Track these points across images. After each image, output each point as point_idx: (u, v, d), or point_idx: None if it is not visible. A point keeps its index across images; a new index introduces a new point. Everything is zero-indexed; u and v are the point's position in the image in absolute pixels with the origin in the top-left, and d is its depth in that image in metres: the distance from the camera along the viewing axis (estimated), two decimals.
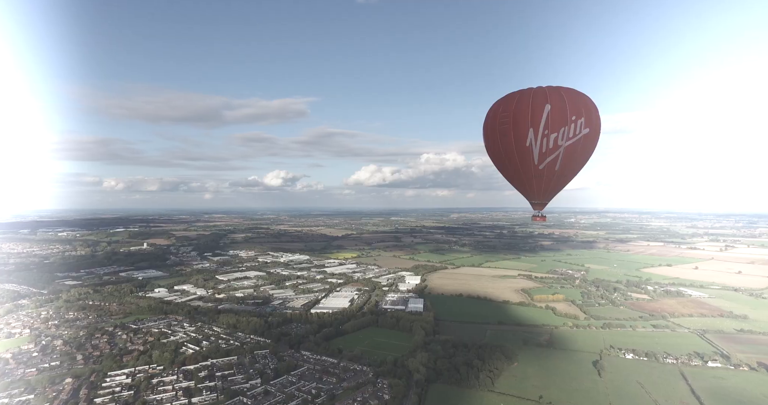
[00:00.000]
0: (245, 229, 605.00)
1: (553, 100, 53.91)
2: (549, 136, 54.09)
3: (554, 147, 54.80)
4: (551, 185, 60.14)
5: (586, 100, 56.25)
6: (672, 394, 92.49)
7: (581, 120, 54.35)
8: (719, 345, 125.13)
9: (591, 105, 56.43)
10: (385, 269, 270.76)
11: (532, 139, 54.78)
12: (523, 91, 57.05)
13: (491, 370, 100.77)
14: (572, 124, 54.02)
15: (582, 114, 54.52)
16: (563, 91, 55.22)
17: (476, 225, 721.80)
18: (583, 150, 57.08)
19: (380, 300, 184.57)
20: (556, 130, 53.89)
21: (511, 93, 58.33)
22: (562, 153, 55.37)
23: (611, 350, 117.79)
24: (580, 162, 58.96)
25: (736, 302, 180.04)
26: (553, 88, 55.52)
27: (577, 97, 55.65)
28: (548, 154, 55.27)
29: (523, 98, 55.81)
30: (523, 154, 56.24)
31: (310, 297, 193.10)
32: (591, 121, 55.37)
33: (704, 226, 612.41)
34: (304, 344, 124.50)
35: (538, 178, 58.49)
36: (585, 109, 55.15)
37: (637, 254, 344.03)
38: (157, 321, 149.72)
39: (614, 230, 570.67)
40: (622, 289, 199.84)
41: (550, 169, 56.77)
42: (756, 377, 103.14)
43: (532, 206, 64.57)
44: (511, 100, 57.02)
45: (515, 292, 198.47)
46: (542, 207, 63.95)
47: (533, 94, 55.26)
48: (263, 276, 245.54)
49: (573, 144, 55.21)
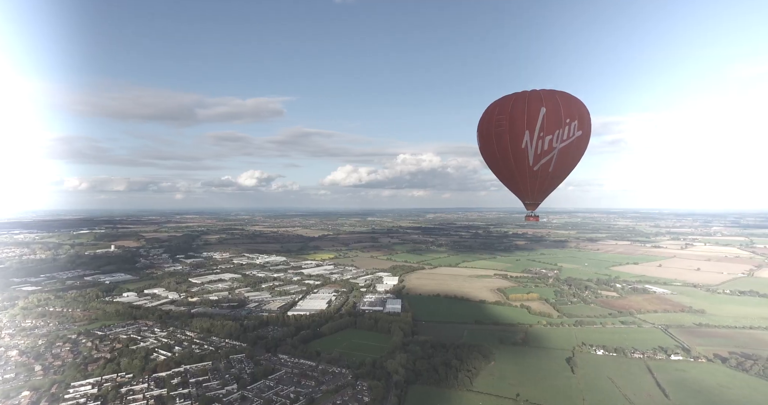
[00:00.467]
0: (219, 230, 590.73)
1: (548, 103, 55.26)
2: (544, 138, 55.38)
3: (549, 149, 56.13)
4: (545, 186, 61.51)
5: (578, 103, 57.87)
6: (639, 387, 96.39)
7: (575, 123, 56.00)
8: (681, 339, 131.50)
9: (583, 108, 58.14)
10: (363, 270, 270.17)
11: (527, 141, 55.93)
12: (518, 94, 58.09)
13: (469, 369, 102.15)
14: (566, 126, 55.52)
15: (575, 117, 56.21)
16: (558, 95, 56.64)
17: (452, 225, 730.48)
18: (575, 151, 58.83)
19: (358, 301, 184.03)
20: (551, 132, 55.26)
21: (507, 96, 59.28)
22: (556, 154, 56.79)
23: (583, 347, 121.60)
24: (572, 163, 60.58)
25: (695, 298, 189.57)
26: (547, 92, 56.84)
27: (570, 100, 57.22)
28: (543, 155, 56.55)
29: (519, 101, 56.83)
30: (519, 155, 57.36)
31: (286, 299, 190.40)
32: (583, 124, 57.15)
33: (666, 225, 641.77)
34: (281, 347, 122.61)
35: (532, 179, 59.69)
36: (578, 113, 56.80)
37: (606, 253, 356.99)
38: (126, 327, 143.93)
39: (584, 230, 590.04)
40: (592, 288, 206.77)
41: (545, 170, 58.13)
42: (713, 368, 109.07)
43: (525, 206, 65.80)
44: (507, 103, 58.00)
45: (491, 292, 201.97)
46: (535, 207, 65.36)
47: (529, 97, 56.41)
48: (238, 278, 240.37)
49: (567, 146, 56.76)
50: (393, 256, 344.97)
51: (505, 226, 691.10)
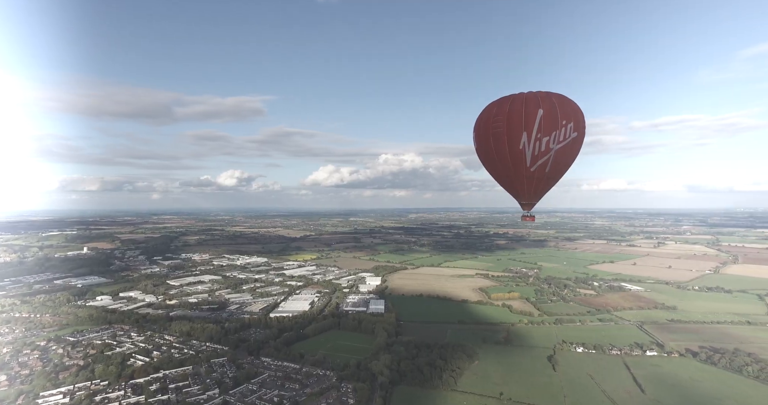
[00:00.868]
0: (198, 230, 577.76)
1: (545, 105, 56.07)
2: (541, 139, 56.07)
3: (546, 150, 56.86)
4: (541, 186, 62.33)
5: (574, 105, 58.87)
6: (617, 383, 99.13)
7: (570, 124, 56.95)
8: (655, 335, 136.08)
9: (578, 110, 59.25)
10: (346, 270, 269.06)
11: (525, 142, 56.51)
12: (515, 96, 58.81)
13: (454, 369, 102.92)
14: (563, 128, 56.38)
15: (571, 119, 57.23)
16: (554, 97, 57.59)
17: (434, 225, 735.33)
18: (571, 153, 59.88)
19: (341, 302, 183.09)
20: (548, 133, 56.04)
21: (504, 97, 59.97)
22: (552, 156, 57.62)
23: (563, 345, 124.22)
24: (567, 164, 61.56)
25: (668, 294, 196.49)
26: (544, 93, 57.79)
27: (566, 102, 58.23)
28: (540, 156, 57.27)
29: (516, 102, 57.49)
30: (516, 156, 57.96)
31: (268, 301, 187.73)
32: (579, 126, 58.25)
33: (640, 225, 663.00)
34: (264, 350, 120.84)
35: (529, 180, 60.35)
36: (573, 114, 57.90)
37: (584, 252, 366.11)
38: (100, 332, 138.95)
39: (563, 229, 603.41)
40: (571, 286, 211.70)
41: (541, 171, 58.92)
42: (685, 362, 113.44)
43: (522, 207, 66.54)
44: (504, 104, 58.56)
45: (473, 291, 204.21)
46: (531, 207, 66.16)
47: (526, 99, 57.18)
48: (218, 280, 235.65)
49: (563, 147, 57.70)
50: (375, 256, 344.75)
51: (486, 226, 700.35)
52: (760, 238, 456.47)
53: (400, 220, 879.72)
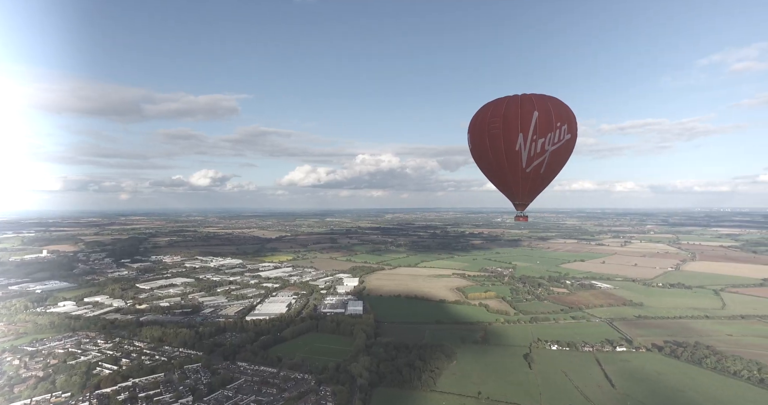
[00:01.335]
0: (169, 232, 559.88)
1: (541, 108, 57.10)
2: (537, 140, 56.94)
3: (541, 151, 57.81)
4: (535, 187, 63.42)
5: (567, 108, 60.19)
6: (590, 379, 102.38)
7: (564, 126, 58.19)
8: (624, 331, 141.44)
9: (571, 113, 60.53)
10: (323, 271, 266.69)
11: (521, 144, 57.24)
12: (510, 98, 59.60)
13: (432, 370, 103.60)
14: (557, 130, 57.50)
15: (565, 121, 58.48)
16: (548, 100, 58.69)
17: (411, 225, 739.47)
18: (564, 154, 61.12)
19: (319, 304, 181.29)
20: (544, 135, 56.98)
21: (499, 98, 60.73)
22: (547, 157, 58.66)
23: (539, 343, 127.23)
24: (561, 165, 62.78)
25: (634, 292, 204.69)
26: (538, 96, 58.92)
27: (560, 105, 59.49)
28: (536, 157, 58.15)
29: (512, 104, 58.28)
30: (513, 157, 58.69)
31: (244, 303, 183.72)
32: (572, 128, 59.55)
33: (608, 224, 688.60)
34: (240, 354, 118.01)
35: (524, 181, 61.20)
36: (567, 117, 59.16)
37: (556, 251, 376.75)
38: (63, 340, 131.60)
39: (536, 229, 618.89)
40: (545, 285, 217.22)
41: (536, 171, 59.91)
42: (651, 357, 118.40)
43: (515, 207, 67.39)
44: (500, 105, 59.22)
45: (451, 291, 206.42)
46: (524, 208, 67.13)
47: (521, 101, 58.08)
48: (191, 283, 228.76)
49: (557, 149, 58.85)
50: (353, 256, 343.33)
51: (461, 226, 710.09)
52: (715, 237, 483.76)
53: (377, 221, 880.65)
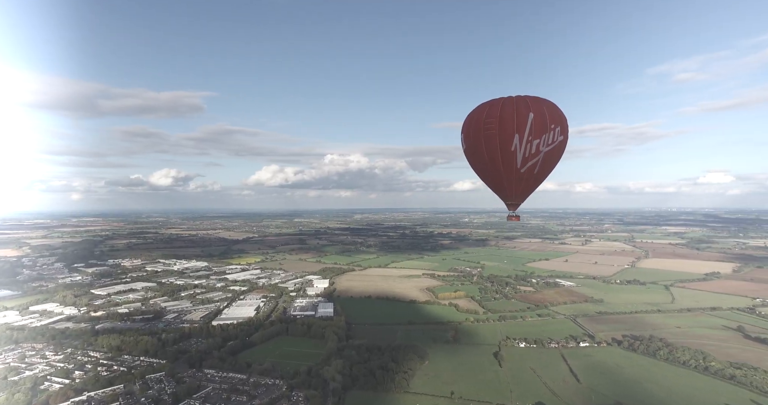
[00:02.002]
0: (128, 234, 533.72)
1: (536, 109, 58.21)
2: (532, 142, 58.07)
3: (536, 152, 58.97)
4: (528, 187, 64.56)
5: (559, 110, 61.61)
6: (556, 374, 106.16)
7: (558, 128, 59.56)
8: (586, 327, 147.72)
9: (563, 115, 61.92)
10: (292, 273, 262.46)
11: (517, 144, 58.18)
12: (505, 99, 60.41)
13: (406, 371, 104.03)
14: (551, 131, 58.80)
15: (558, 123, 59.81)
16: (542, 102, 59.94)
17: (380, 226, 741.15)
18: (557, 155, 62.51)
19: (288, 306, 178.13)
20: (539, 136, 58.12)
21: (494, 100, 61.50)
22: (541, 158, 59.87)
23: (508, 341, 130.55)
24: (553, 166, 64.14)
25: (595, 289, 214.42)
26: (532, 98, 59.98)
27: (553, 107, 60.78)
28: (530, 158, 59.28)
29: (507, 105, 59.05)
30: (508, 157, 59.52)
31: (210, 307, 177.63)
32: (564, 130, 61.05)
33: (569, 224, 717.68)
34: (206, 361, 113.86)
35: (518, 181, 62.23)
36: (560, 119, 60.51)
37: (522, 250, 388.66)
38: (3, 354, 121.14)
39: (502, 229, 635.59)
40: (512, 284, 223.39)
41: (530, 172, 60.98)
42: (612, 351, 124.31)
43: (508, 207, 68.36)
44: (496, 106, 59.87)
45: (421, 291, 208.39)
46: (516, 207, 68.17)
47: (517, 102, 58.96)
48: (153, 287, 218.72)
49: (551, 150, 60.19)
50: (322, 258, 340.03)
51: (430, 226, 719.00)
52: (664, 235, 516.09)
53: (346, 221, 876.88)
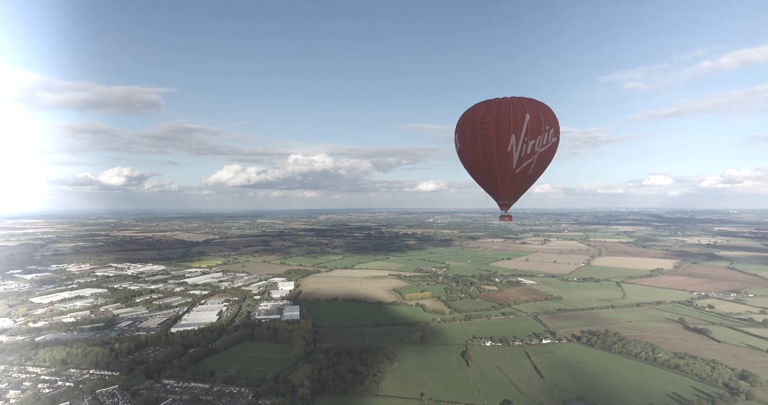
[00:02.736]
0: (74, 236, 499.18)
1: (531, 111, 58.83)
2: (528, 142, 58.72)
3: (531, 152, 59.66)
4: (521, 187, 65.23)
5: (552, 112, 62.54)
6: (521, 372, 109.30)
7: (552, 130, 60.55)
8: (548, 324, 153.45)
9: (555, 117, 62.83)
10: (255, 276, 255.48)
11: (513, 145, 58.60)
12: (501, 100, 60.74)
13: (375, 374, 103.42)
14: (545, 132, 59.70)
15: (552, 125, 60.79)
16: (536, 103, 60.72)
17: (345, 226, 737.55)
18: (549, 156, 63.50)
19: (253, 310, 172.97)
20: (534, 137, 58.83)
21: (489, 100, 61.83)
22: (536, 158, 60.62)
23: (474, 340, 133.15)
24: (545, 166, 65.04)
25: (554, 286, 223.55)
26: (527, 99, 60.62)
27: (547, 109, 61.64)
28: (526, 158, 59.89)
29: (503, 106, 59.34)
30: (504, 157, 59.90)
31: (169, 313, 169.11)
32: (557, 132, 62.18)
33: (529, 224, 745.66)
34: (165, 371, 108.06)
35: (512, 181, 62.73)
36: (553, 121, 61.42)
37: (486, 250, 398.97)
38: None
39: (465, 229, 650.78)
40: (476, 283, 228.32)
41: (524, 172, 61.71)
42: (572, 347, 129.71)
43: (500, 207, 68.78)
44: (492, 107, 59.99)
45: (388, 292, 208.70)
46: (508, 207, 68.78)
47: (512, 103, 59.40)
48: (104, 293, 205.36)
49: (545, 151, 61.11)
50: (287, 259, 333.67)
51: (395, 226, 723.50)
52: (615, 234, 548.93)
53: (311, 222, 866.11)
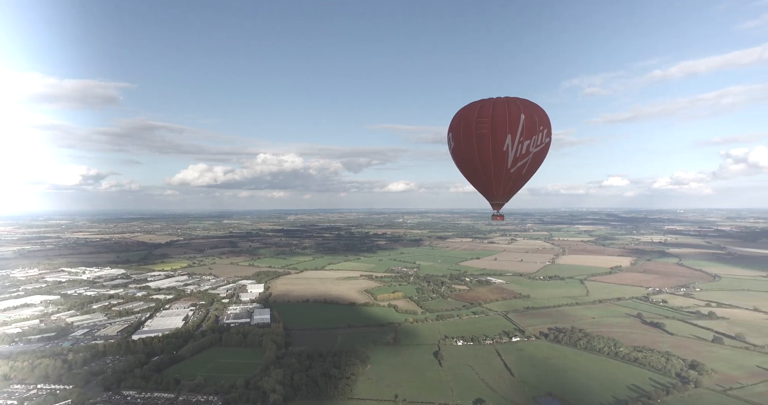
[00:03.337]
0: (19, 239, 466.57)
1: (526, 111, 59.09)
2: (524, 142, 58.85)
3: (526, 152, 59.87)
4: (514, 187, 65.45)
5: (545, 113, 63.06)
6: (493, 370, 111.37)
7: (545, 130, 61.01)
8: (517, 322, 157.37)
9: (548, 118, 63.47)
10: (223, 279, 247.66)
11: (509, 144, 58.54)
12: (495, 100, 60.73)
13: (349, 376, 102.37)
14: (540, 133, 60.03)
15: (545, 125, 61.33)
16: (530, 104, 61.07)
17: (315, 227, 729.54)
18: (542, 156, 63.86)
19: (221, 314, 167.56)
20: (529, 137, 59.03)
21: (484, 100, 61.72)
22: (530, 159, 60.91)
23: (446, 340, 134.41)
24: (538, 166, 65.37)
25: (522, 285, 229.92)
26: (521, 100, 60.90)
27: (540, 109, 62.15)
28: (521, 158, 60.06)
29: (499, 106, 59.30)
30: (499, 157, 59.83)
31: (130, 320, 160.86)
32: (549, 133, 62.72)
33: (496, 223, 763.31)
34: (126, 382, 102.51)
35: (506, 181, 62.84)
36: (546, 121, 62.01)
37: (455, 250, 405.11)
38: None
39: (435, 229, 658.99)
40: (447, 283, 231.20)
41: (519, 172, 61.86)
42: (540, 344, 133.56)
43: (493, 206, 68.63)
44: (487, 107, 59.80)
45: (359, 293, 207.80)
46: (500, 207, 68.82)
47: (508, 103, 59.46)
48: (56, 300, 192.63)
49: (539, 151, 61.42)
50: (256, 261, 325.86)
51: (365, 226, 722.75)
52: (577, 233, 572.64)
53: (279, 222, 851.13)
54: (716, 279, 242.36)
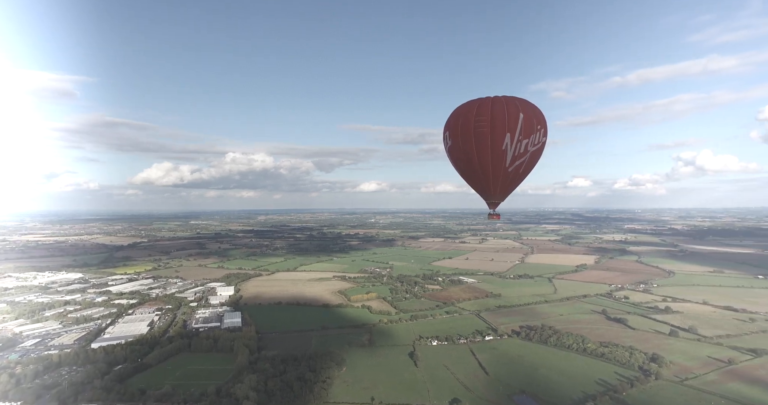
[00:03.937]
0: None
1: (525, 110, 59.21)
2: (522, 141, 59.02)
3: (524, 151, 60.05)
4: (511, 186, 65.54)
5: (542, 113, 63.25)
6: (467, 369, 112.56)
7: (542, 129, 61.32)
8: (489, 321, 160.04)
9: (545, 118, 63.69)
10: (191, 281, 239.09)
11: (508, 143, 58.59)
12: (493, 98, 60.48)
13: (324, 380, 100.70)
14: (537, 132, 60.38)
15: (542, 125, 61.65)
16: (528, 103, 61.06)
17: (286, 227, 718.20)
18: (538, 155, 64.17)
19: (189, 319, 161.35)
20: (527, 136, 59.29)
21: (481, 99, 61.32)
22: (528, 157, 61.03)
23: (421, 340, 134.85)
24: (534, 165, 65.64)
25: (494, 284, 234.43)
26: (520, 99, 60.87)
27: (537, 109, 62.35)
28: (519, 157, 60.16)
29: (497, 105, 59.09)
30: (498, 156, 59.80)
31: (88, 327, 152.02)
32: (546, 132, 63.12)
33: (467, 223, 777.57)
34: (85, 394, 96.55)
35: (504, 179, 62.79)
36: (543, 121, 62.32)
37: (427, 250, 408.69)
38: None
39: (407, 229, 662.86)
40: (420, 283, 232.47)
41: (516, 171, 62.00)
42: (512, 342, 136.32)
43: (489, 205, 68.38)
44: (486, 106, 59.48)
45: (333, 294, 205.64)
46: (496, 206, 68.71)
47: (506, 103, 59.35)
48: (3, 309, 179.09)
49: (536, 150, 61.71)
50: (225, 263, 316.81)
51: (337, 227, 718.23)
52: (544, 232, 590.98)
53: (249, 223, 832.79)
54: (671, 275, 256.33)
